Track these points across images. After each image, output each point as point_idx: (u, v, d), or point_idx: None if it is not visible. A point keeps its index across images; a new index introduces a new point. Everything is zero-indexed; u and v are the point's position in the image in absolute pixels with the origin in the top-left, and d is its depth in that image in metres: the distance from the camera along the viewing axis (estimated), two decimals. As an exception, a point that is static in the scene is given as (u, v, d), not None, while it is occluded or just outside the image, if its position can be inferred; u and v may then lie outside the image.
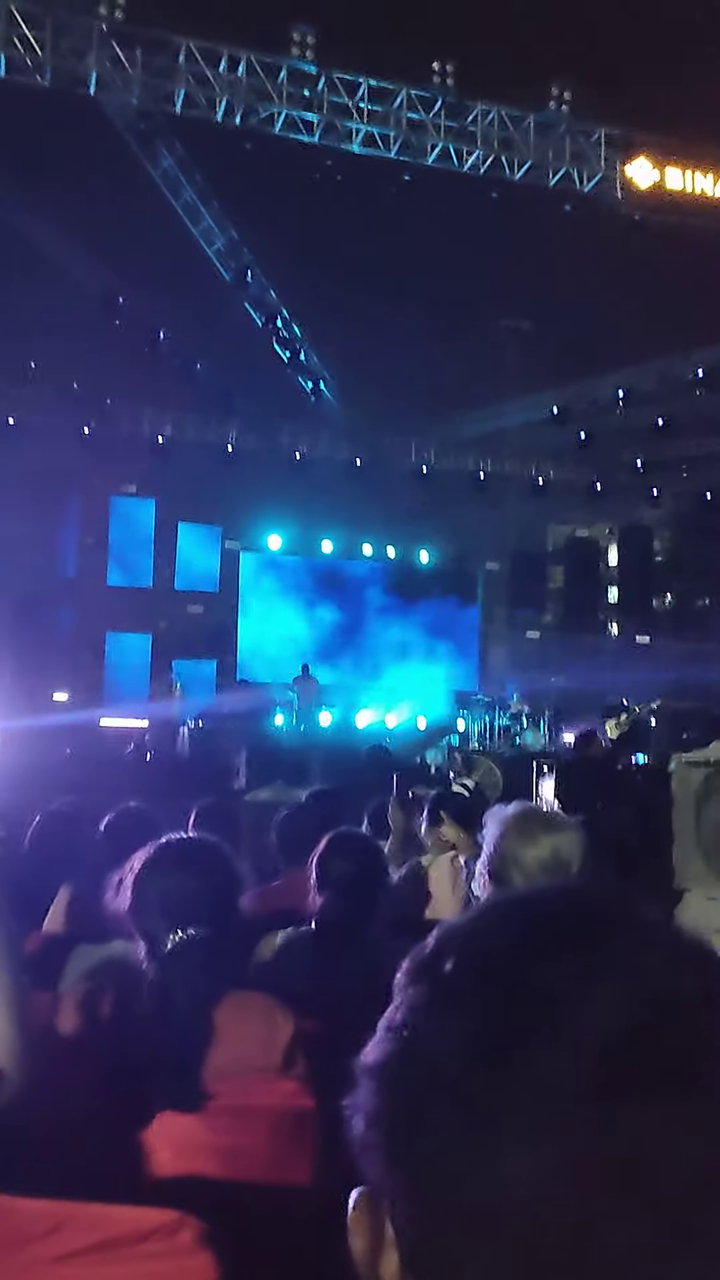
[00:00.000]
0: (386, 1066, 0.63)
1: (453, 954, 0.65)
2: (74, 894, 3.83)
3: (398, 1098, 0.62)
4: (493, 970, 0.63)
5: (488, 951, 0.64)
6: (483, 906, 0.69)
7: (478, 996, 0.62)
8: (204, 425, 18.90)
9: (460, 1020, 0.61)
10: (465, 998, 0.62)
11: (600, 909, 0.66)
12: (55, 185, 13.35)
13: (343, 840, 3.23)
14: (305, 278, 14.63)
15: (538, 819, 2.58)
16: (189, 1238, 1.38)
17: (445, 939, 0.67)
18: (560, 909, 0.67)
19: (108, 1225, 1.38)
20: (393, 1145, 0.61)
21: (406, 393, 17.16)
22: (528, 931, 0.65)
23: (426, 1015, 0.63)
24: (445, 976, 0.64)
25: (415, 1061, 0.62)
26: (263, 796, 7.77)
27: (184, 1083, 2.02)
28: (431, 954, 0.66)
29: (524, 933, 0.65)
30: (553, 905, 0.67)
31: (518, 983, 0.61)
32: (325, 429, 19.58)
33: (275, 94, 12.26)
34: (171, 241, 14.34)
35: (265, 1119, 2.06)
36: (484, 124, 13.06)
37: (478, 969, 0.63)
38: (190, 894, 2.19)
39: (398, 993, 0.67)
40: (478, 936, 0.66)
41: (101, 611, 18.78)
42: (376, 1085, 0.64)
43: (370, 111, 12.68)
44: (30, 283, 14.33)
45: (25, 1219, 1.39)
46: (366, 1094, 0.64)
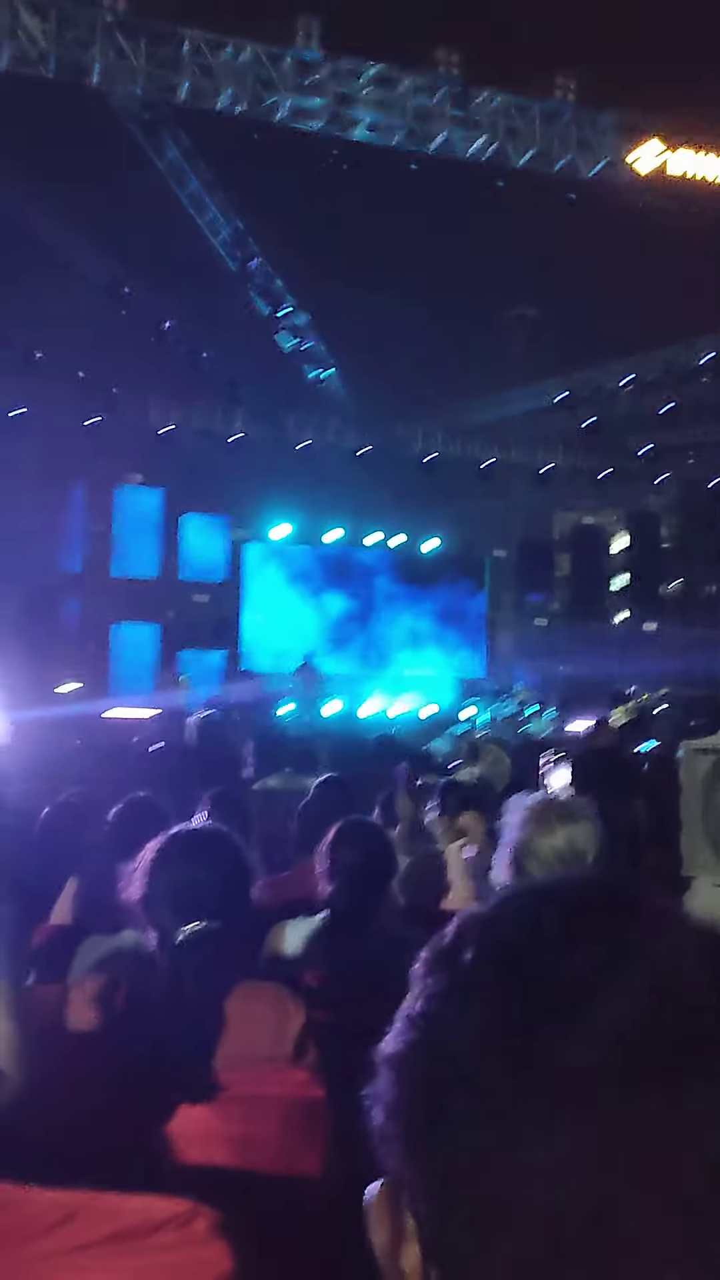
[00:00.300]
0: (406, 1057, 0.63)
1: (472, 944, 0.65)
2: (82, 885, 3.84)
3: (417, 1088, 0.62)
4: (512, 960, 0.63)
5: (507, 941, 0.64)
6: (501, 896, 0.69)
7: (497, 986, 0.62)
8: (210, 415, 18.88)
9: (480, 1010, 0.61)
10: (484, 988, 0.62)
11: (619, 898, 0.66)
12: (61, 176, 13.32)
13: (352, 829, 3.24)
14: (310, 266, 14.59)
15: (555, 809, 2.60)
16: (202, 1227, 1.38)
17: (464, 929, 0.67)
18: (579, 898, 0.67)
19: (121, 1216, 1.39)
20: (412, 1136, 0.62)
21: (412, 381, 17.13)
22: (547, 921, 0.64)
23: (446, 1005, 0.63)
24: (464, 966, 0.64)
25: (435, 1052, 0.62)
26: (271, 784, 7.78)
27: (195, 1073, 2.03)
28: (451, 944, 0.66)
29: (543, 922, 0.64)
30: (572, 894, 0.67)
31: (537, 972, 0.61)
32: (331, 418, 19.55)
33: (280, 83, 12.21)
34: (177, 231, 14.31)
35: (276, 1109, 2.07)
36: (489, 111, 12.99)
37: (497, 959, 0.63)
38: (201, 884, 2.19)
39: (416, 982, 0.66)
40: (497, 926, 0.66)
41: (107, 602, 18.78)
42: (396, 1076, 0.64)
43: (375, 100, 12.62)
44: (36, 273, 14.31)
45: (38, 1209, 1.40)
46: (386, 1084, 0.64)
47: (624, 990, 0.59)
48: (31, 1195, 1.42)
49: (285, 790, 6.66)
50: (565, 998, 0.59)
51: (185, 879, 2.21)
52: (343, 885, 3.08)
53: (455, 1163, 0.59)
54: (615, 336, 16.50)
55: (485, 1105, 0.58)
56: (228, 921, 2.17)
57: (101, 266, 15.24)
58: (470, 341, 15.68)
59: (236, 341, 16.79)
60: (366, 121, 12.62)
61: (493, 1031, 0.60)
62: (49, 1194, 1.43)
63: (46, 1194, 1.43)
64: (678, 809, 5.23)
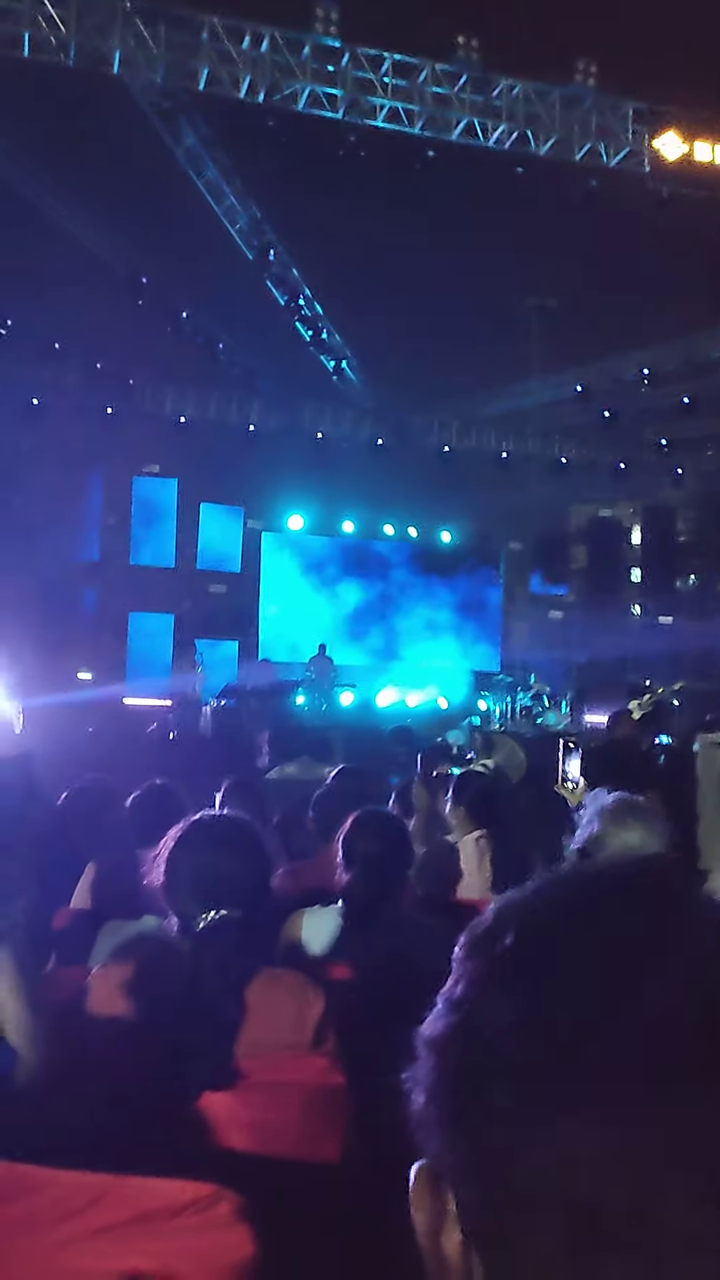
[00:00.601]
0: (446, 1040, 0.63)
1: (511, 928, 0.64)
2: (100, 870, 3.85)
3: (457, 1072, 0.62)
4: (552, 945, 0.62)
5: (547, 926, 0.64)
6: (541, 882, 0.68)
7: (537, 971, 0.61)
8: (226, 405, 18.88)
9: (519, 996, 0.61)
10: (524, 973, 0.62)
11: (659, 885, 0.65)
12: (79, 164, 13.31)
13: (368, 819, 3.24)
14: (328, 256, 14.55)
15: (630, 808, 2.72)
16: (226, 1211, 1.39)
17: (504, 912, 0.66)
18: (620, 885, 0.66)
19: (145, 1198, 1.39)
20: (452, 1120, 0.61)
21: (429, 372, 17.07)
22: (588, 906, 0.64)
23: (485, 990, 0.63)
24: (504, 951, 0.63)
25: (473, 1037, 0.62)
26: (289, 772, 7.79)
27: (216, 1060, 2.03)
28: (490, 928, 0.65)
29: (584, 907, 0.64)
30: (612, 881, 0.66)
31: (578, 958, 0.61)
32: (347, 408, 19.52)
33: (299, 70, 12.16)
34: (194, 220, 14.28)
35: (296, 1095, 2.07)
36: (509, 99, 12.91)
37: (537, 944, 0.63)
38: (223, 872, 2.20)
39: (456, 966, 0.66)
40: (537, 910, 0.65)
41: (124, 591, 18.84)
42: (436, 1059, 0.63)
43: (395, 87, 12.56)
44: (55, 263, 14.31)
45: (64, 1192, 1.40)
46: (425, 1067, 0.64)
47: (666, 978, 0.58)
48: (56, 1178, 1.43)
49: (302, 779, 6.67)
50: (606, 985, 0.59)
51: (207, 866, 2.21)
52: (360, 875, 3.09)
53: (495, 1150, 0.58)
54: (634, 327, 16.41)
55: (524, 1092, 0.58)
56: (248, 909, 2.18)
57: (119, 256, 15.24)
58: (487, 332, 15.62)
59: (253, 331, 16.77)
60: (385, 109, 12.55)
61: (533, 1018, 0.59)
62: (74, 1177, 1.43)
63: (71, 1177, 1.43)
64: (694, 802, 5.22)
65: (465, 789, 4.88)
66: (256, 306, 15.68)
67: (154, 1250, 1.37)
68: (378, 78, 12.44)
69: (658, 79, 12.59)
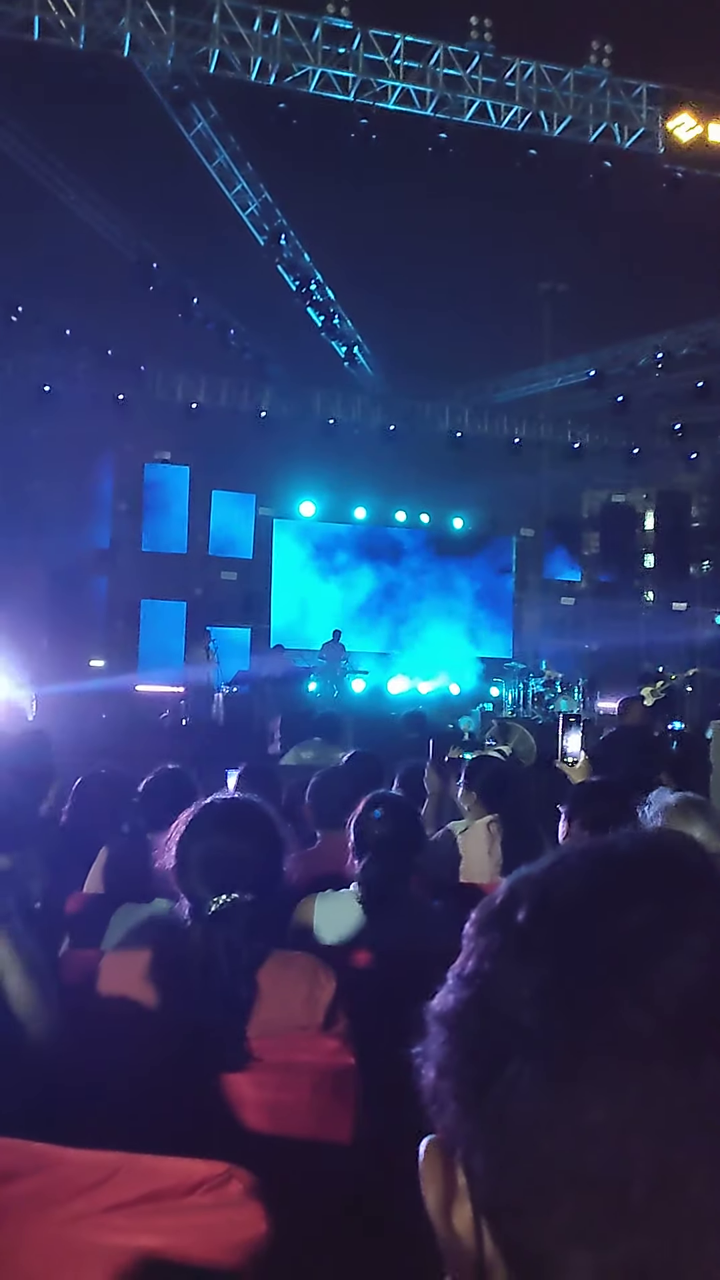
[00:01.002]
0: (460, 1014, 0.63)
1: (526, 902, 0.64)
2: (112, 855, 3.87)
3: (472, 1047, 0.61)
4: (569, 918, 0.62)
5: (563, 899, 0.63)
6: (555, 856, 0.67)
7: (554, 944, 0.61)
8: (237, 391, 18.85)
9: (537, 969, 0.60)
10: (541, 946, 0.61)
11: (675, 859, 0.65)
12: (89, 149, 13.28)
13: (380, 803, 3.24)
14: (339, 240, 14.48)
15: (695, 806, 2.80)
16: (238, 1189, 1.39)
17: (518, 887, 0.66)
18: (635, 859, 0.65)
19: (157, 1176, 1.40)
20: (467, 1095, 0.61)
21: (441, 357, 17.00)
22: (605, 880, 0.64)
23: (501, 964, 0.62)
24: (519, 925, 0.63)
25: (489, 1010, 0.61)
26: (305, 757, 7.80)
27: (228, 1041, 2.04)
28: (504, 902, 0.65)
29: (601, 881, 0.64)
30: (627, 855, 0.66)
31: (594, 931, 0.60)
32: (359, 394, 19.47)
33: (310, 53, 12.07)
34: (205, 205, 14.23)
35: (308, 1076, 2.08)
36: (522, 80, 12.81)
37: (552, 917, 0.62)
38: (234, 855, 2.20)
39: (468, 941, 0.66)
40: (552, 884, 0.65)
41: (136, 578, 18.87)
42: (449, 1033, 0.63)
43: (406, 69, 12.47)
44: (65, 249, 14.30)
45: (77, 1169, 1.41)
46: (438, 1042, 0.64)
47: (684, 951, 0.58)
48: (70, 1156, 1.44)
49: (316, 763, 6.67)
50: (624, 957, 0.59)
51: (219, 849, 2.21)
52: (372, 859, 3.09)
53: (513, 1123, 0.58)
54: (647, 311, 16.31)
55: (544, 1066, 0.58)
56: (260, 892, 2.18)
57: (130, 242, 15.21)
58: (499, 317, 15.54)
59: (265, 317, 16.72)
60: (397, 91, 12.47)
61: (550, 990, 0.59)
62: (85, 1155, 1.44)
63: (83, 1155, 1.44)
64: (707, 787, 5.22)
65: (477, 774, 4.88)
66: (267, 292, 15.63)
67: (166, 1227, 1.38)
68: (389, 59, 12.35)
69: (672, 59, 12.47)
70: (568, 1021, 0.58)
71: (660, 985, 0.57)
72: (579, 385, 18.86)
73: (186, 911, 2.22)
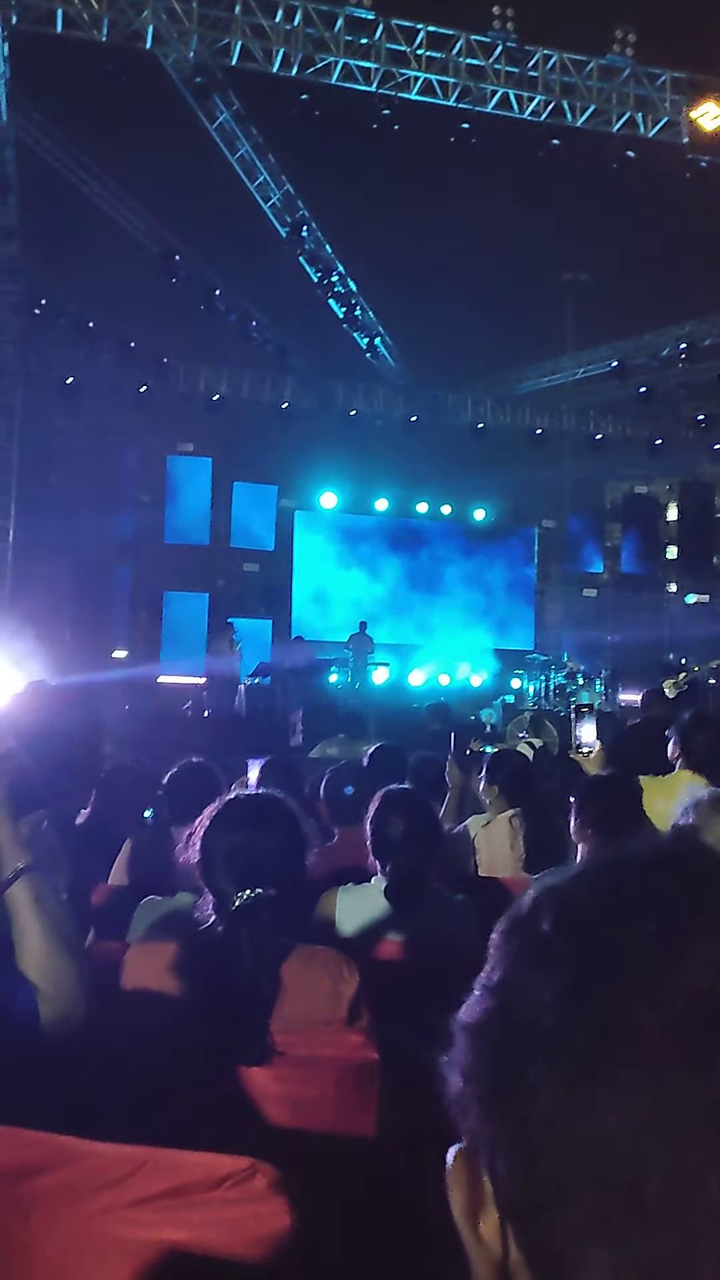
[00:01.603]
0: (484, 1024, 0.64)
1: (550, 910, 0.65)
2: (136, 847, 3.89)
3: (497, 1054, 0.63)
4: (590, 925, 0.63)
5: (586, 907, 0.65)
6: (580, 864, 0.69)
7: (575, 953, 0.62)
8: (259, 383, 18.86)
9: (559, 976, 0.62)
10: (563, 954, 0.63)
11: (699, 865, 0.66)
12: (112, 142, 13.32)
13: (396, 799, 3.24)
14: (361, 232, 14.46)
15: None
16: (262, 1184, 1.41)
17: (542, 896, 0.67)
18: (658, 865, 0.66)
19: (182, 1171, 1.41)
20: (491, 1101, 0.62)
21: (462, 348, 16.95)
22: (625, 888, 0.65)
23: (524, 972, 0.64)
24: (543, 933, 0.64)
25: (513, 1018, 0.62)
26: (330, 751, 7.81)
27: (252, 1036, 2.05)
28: (528, 911, 0.66)
29: (621, 889, 0.65)
30: (649, 862, 0.67)
31: (615, 938, 0.62)
32: (380, 386, 19.44)
33: (332, 43, 12.04)
34: (227, 197, 14.24)
35: (332, 1070, 2.09)
36: (545, 70, 12.73)
37: (575, 925, 0.64)
38: (258, 851, 2.21)
39: (493, 950, 0.67)
40: (575, 893, 0.66)
41: (159, 570, 18.94)
42: (474, 1042, 0.64)
43: (429, 59, 12.42)
44: (88, 241, 14.35)
45: (102, 1163, 1.43)
46: (463, 1051, 0.65)
47: (703, 957, 0.59)
48: (96, 1149, 1.45)
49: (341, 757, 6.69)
50: (644, 963, 0.60)
51: (243, 845, 2.22)
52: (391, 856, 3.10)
53: (535, 1125, 0.59)
54: (671, 301, 16.20)
55: (564, 1071, 0.59)
56: (284, 887, 2.19)
57: (153, 234, 15.23)
58: (522, 307, 15.48)
59: (287, 309, 16.72)
60: (420, 81, 12.41)
61: (571, 997, 0.60)
62: (111, 1148, 1.46)
63: (108, 1148, 1.46)
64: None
65: (499, 768, 4.88)
66: (289, 284, 15.63)
67: (192, 1221, 1.39)
68: (411, 50, 12.29)
69: (696, 48, 12.36)
70: (586, 1026, 0.59)
71: (675, 991, 0.58)
72: (602, 376, 18.76)
73: (210, 906, 2.23)
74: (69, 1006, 1.92)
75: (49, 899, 1.95)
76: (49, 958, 1.91)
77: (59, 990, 1.91)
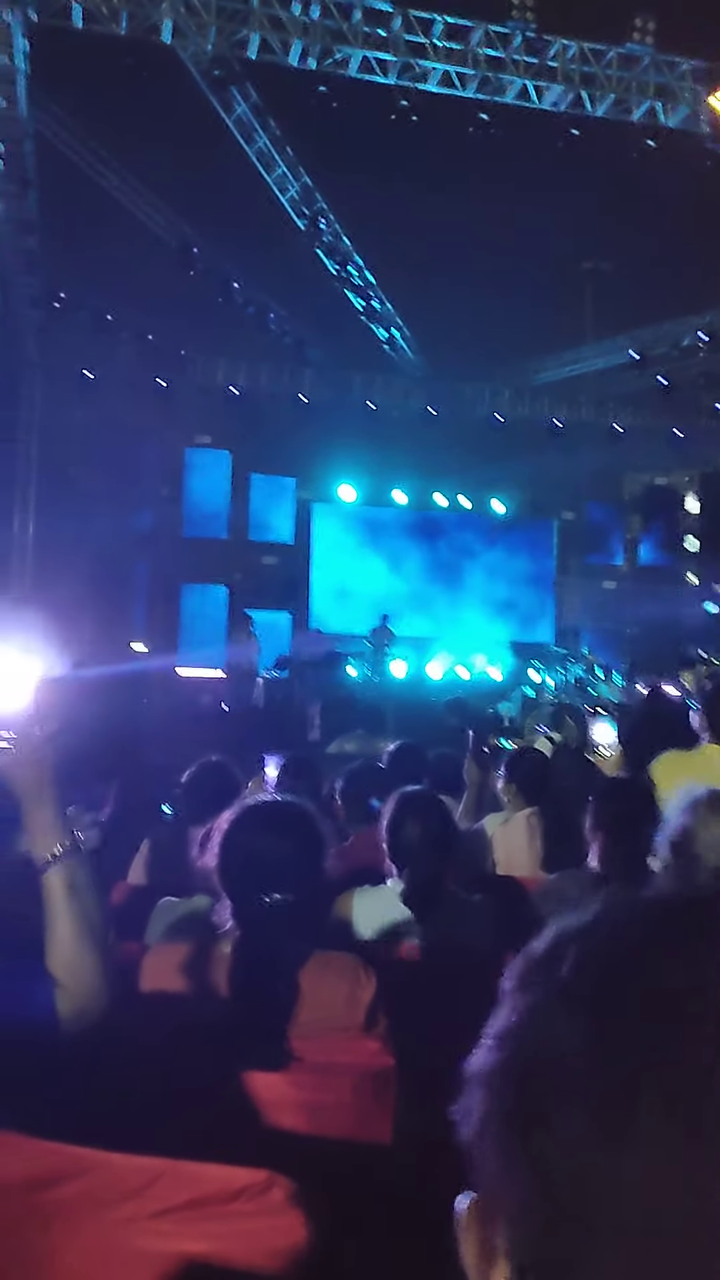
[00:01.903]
0: (503, 1071, 0.62)
1: (570, 954, 0.63)
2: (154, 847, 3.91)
3: (517, 1103, 0.61)
4: (616, 970, 0.62)
5: (607, 953, 0.63)
6: (598, 907, 0.67)
7: (601, 997, 0.60)
8: (277, 376, 18.85)
9: (584, 1022, 0.60)
10: (586, 999, 0.61)
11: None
12: (129, 135, 13.31)
13: (411, 802, 3.24)
14: (379, 224, 14.42)
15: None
16: (279, 1196, 1.41)
17: (561, 940, 0.65)
18: (680, 911, 0.65)
19: (200, 1183, 1.42)
20: (512, 1152, 0.60)
21: (481, 339, 16.88)
22: (648, 933, 0.63)
23: (545, 1018, 0.62)
24: (564, 978, 0.62)
25: (535, 1065, 0.61)
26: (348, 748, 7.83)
27: (269, 1041, 2.06)
28: (546, 955, 0.65)
29: (644, 934, 0.63)
30: (672, 907, 0.66)
31: (640, 985, 0.60)
32: (398, 377, 19.40)
33: (350, 35, 11.99)
34: (245, 190, 14.22)
35: (349, 1077, 2.10)
36: (564, 59, 12.64)
37: (598, 970, 0.62)
38: (276, 857, 2.22)
39: (507, 997, 0.65)
40: (595, 938, 0.64)
41: (177, 562, 18.98)
42: (491, 1091, 0.62)
43: (448, 50, 12.35)
44: (106, 235, 14.36)
45: (120, 1175, 1.44)
46: (478, 1100, 0.63)
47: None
48: (113, 1160, 1.46)
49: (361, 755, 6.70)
50: (669, 1012, 0.58)
51: (260, 851, 2.23)
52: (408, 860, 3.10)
53: (559, 1178, 0.57)
54: (691, 291, 16.08)
55: (592, 1120, 0.57)
56: (301, 893, 2.20)
57: (170, 227, 15.24)
58: (541, 298, 15.39)
59: (304, 301, 16.70)
60: (438, 73, 12.35)
61: (597, 1044, 0.59)
62: (131, 1159, 1.47)
63: (127, 1160, 1.47)
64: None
65: (517, 766, 4.87)
66: (307, 276, 15.61)
67: (211, 1233, 1.40)
68: (430, 41, 12.23)
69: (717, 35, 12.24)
70: (615, 1074, 0.58)
71: (708, 1039, 0.57)
72: (621, 366, 18.66)
73: (228, 911, 2.24)
74: (87, 1002, 1.90)
75: (83, 887, 1.92)
76: (73, 949, 1.88)
77: (79, 984, 1.89)
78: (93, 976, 1.90)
